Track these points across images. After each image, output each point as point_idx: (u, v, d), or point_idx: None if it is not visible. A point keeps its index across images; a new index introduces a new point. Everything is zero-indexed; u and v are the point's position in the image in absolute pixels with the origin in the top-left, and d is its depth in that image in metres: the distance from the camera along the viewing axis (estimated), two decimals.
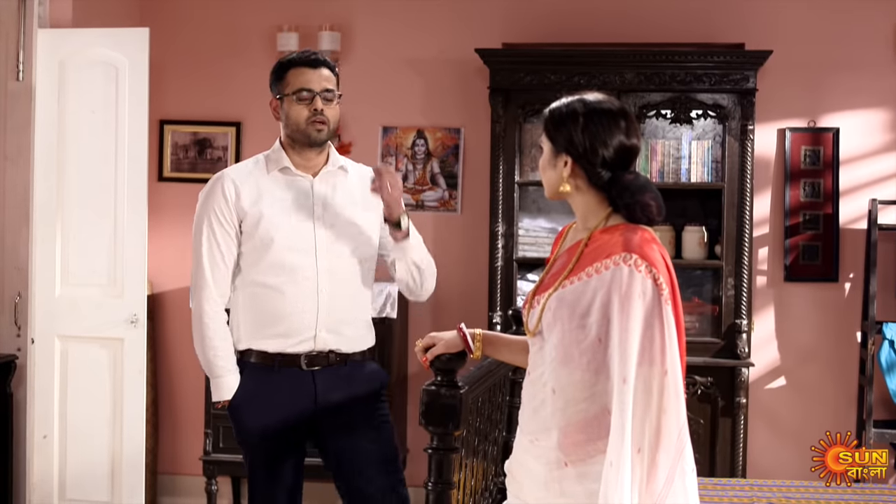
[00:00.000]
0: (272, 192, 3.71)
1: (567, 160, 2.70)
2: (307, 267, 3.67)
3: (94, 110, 5.64)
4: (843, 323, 6.25)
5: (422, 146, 6.48)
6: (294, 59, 3.75)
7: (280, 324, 3.67)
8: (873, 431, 5.87)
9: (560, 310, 2.66)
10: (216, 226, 3.70)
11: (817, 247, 6.25)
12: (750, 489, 4.50)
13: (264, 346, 3.68)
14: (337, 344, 3.70)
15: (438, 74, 6.50)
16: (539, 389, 2.73)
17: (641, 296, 2.55)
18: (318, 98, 3.67)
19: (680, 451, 2.56)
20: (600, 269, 2.62)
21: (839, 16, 6.26)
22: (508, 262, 6.07)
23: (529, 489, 2.73)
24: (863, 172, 6.24)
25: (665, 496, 2.51)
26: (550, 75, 5.99)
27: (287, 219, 3.68)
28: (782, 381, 6.29)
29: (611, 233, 2.69)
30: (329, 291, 3.68)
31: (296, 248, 3.66)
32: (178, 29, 6.58)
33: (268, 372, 3.68)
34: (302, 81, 3.68)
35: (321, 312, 3.66)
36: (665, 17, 6.32)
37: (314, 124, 3.68)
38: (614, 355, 2.54)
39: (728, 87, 5.90)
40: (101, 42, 5.66)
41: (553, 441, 2.65)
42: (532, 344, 2.80)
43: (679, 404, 2.55)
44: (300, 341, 3.66)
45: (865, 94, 6.24)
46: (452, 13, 6.49)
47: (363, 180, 3.80)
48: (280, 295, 3.66)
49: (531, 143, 6.17)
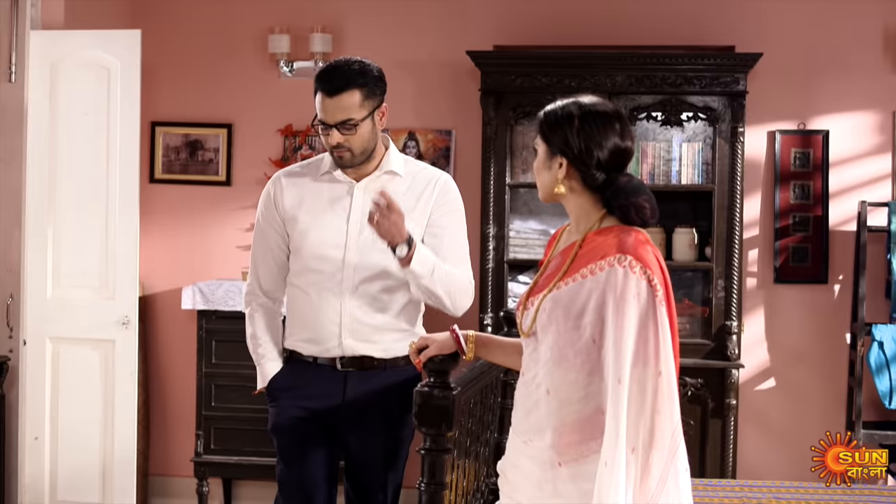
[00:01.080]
0: (313, 195, 3.70)
1: (562, 162, 2.72)
2: (333, 273, 3.63)
3: (87, 112, 5.66)
4: (833, 325, 6.27)
5: (413, 148, 6.49)
6: (318, 78, 3.62)
7: (308, 328, 3.69)
8: (863, 433, 5.89)
9: (555, 311, 2.68)
10: (264, 225, 3.76)
11: (807, 249, 6.28)
12: (741, 490, 4.52)
13: (299, 348, 3.72)
14: (370, 351, 3.66)
15: (430, 76, 6.51)
16: (533, 391, 2.74)
17: (636, 297, 2.58)
18: (333, 132, 3.56)
19: (673, 452, 2.58)
20: (595, 271, 2.63)
21: (828, 19, 6.29)
22: (499, 264, 6.09)
23: (523, 489, 2.75)
24: (852, 174, 6.27)
25: (658, 495, 2.53)
26: (542, 77, 6.01)
27: (319, 223, 3.66)
28: (772, 383, 6.31)
29: (604, 234, 2.71)
30: (357, 298, 3.63)
31: (324, 254, 3.64)
32: (169, 31, 6.59)
33: (306, 366, 3.69)
34: (319, 111, 3.58)
35: (345, 320, 3.63)
36: (655, 19, 6.34)
37: (335, 153, 3.61)
38: (609, 356, 2.56)
39: (718, 90, 5.93)
40: (92, 44, 5.68)
41: (547, 441, 2.67)
42: (526, 345, 2.81)
43: (672, 405, 2.57)
44: (328, 347, 3.66)
45: (855, 97, 6.26)
46: (444, 15, 6.50)
47: (415, 185, 3.72)
48: (307, 299, 3.68)
49: (522, 146, 6.19)
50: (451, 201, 3.75)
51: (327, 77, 3.58)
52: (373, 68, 3.65)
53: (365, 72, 3.61)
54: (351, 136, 3.56)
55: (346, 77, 3.56)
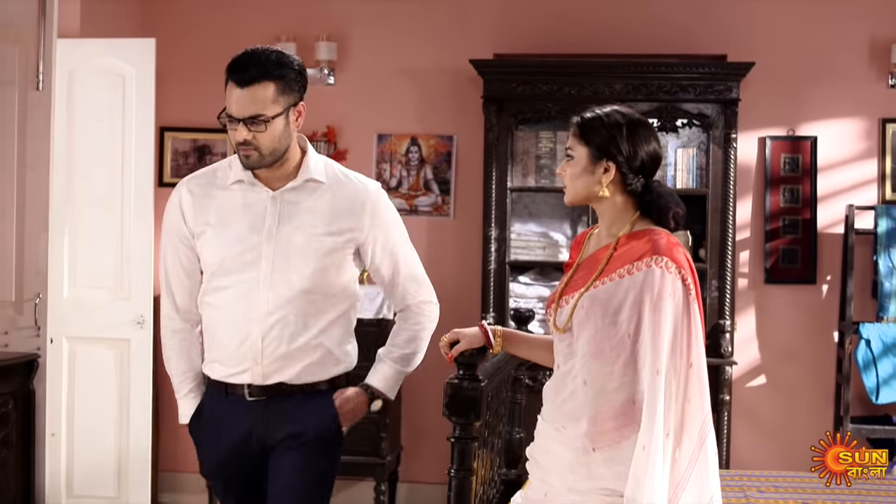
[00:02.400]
0: (223, 206, 3.34)
1: (608, 166, 2.92)
2: (247, 291, 3.29)
3: (102, 118, 5.83)
4: (821, 323, 6.50)
5: (415, 153, 6.69)
6: (230, 67, 3.22)
7: (219, 349, 3.35)
8: (851, 427, 6.12)
9: (592, 308, 2.88)
10: (174, 238, 3.40)
11: (796, 250, 6.51)
12: (739, 479, 4.74)
13: (209, 371, 3.41)
14: (285, 377, 3.33)
15: (432, 83, 6.71)
16: (569, 382, 2.94)
17: (672, 295, 2.80)
18: (241, 127, 3.18)
19: (703, 438, 2.80)
20: (632, 271, 2.84)
21: (816, 29, 6.52)
22: (501, 265, 6.30)
23: (555, 472, 2.94)
24: (839, 179, 6.50)
25: (688, 478, 2.75)
26: (542, 85, 6.22)
27: (232, 236, 3.30)
28: (763, 380, 6.54)
29: (638, 238, 2.91)
30: (273, 320, 3.28)
31: (237, 270, 3.29)
32: (177, 38, 6.76)
33: (220, 397, 3.38)
34: (229, 105, 3.19)
35: (258, 342, 3.29)
36: (650, 28, 6.56)
37: (241, 150, 3.23)
38: (647, 349, 2.77)
39: (712, 98, 6.15)
40: (108, 52, 5.86)
41: (582, 429, 2.86)
42: (560, 340, 3.00)
43: (702, 395, 2.80)
44: (239, 371, 3.32)
45: (842, 104, 6.50)
46: (446, 24, 6.70)
47: (340, 197, 3.37)
48: (219, 318, 3.34)
49: (523, 151, 6.39)
50: (389, 219, 3.46)
51: (240, 65, 3.19)
52: (293, 61, 3.26)
53: (283, 63, 3.22)
54: (260, 134, 3.19)
55: (261, 66, 3.17)
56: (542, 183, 6.36)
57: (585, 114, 2.98)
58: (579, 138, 2.95)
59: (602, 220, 3.01)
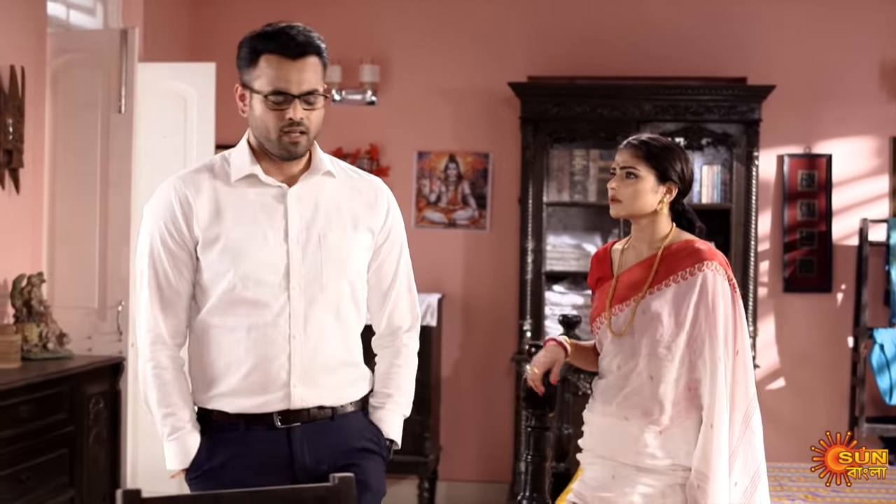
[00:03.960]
0: (235, 207, 2.87)
1: (671, 187, 3.35)
2: (278, 303, 2.85)
3: (166, 136, 6.21)
4: (836, 329, 6.93)
5: (453, 169, 7.10)
6: (267, 37, 2.81)
7: (244, 379, 2.85)
8: (865, 426, 6.54)
9: (651, 312, 3.31)
10: (164, 248, 2.85)
11: (812, 261, 6.93)
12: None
13: (227, 407, 2.86)
14: (319, 399, 2.90)
15: (468, 103, 7.13)
16: (633, 378, 3.35)
17: (722, 294, 3.26)
18: (297, 104, 2.80)
19: (749, 416, 3.28)
20: (686, 276, 3.28)
21: (830, 52, 6.95)
22: (537, 275, 6.71)
23: (622, 452, 3.33)
24: (853, 194, 6.93)
25: (738, 450, 3.24)
26: (576, 107, 6.65)
27: (252, 242, 2.85)
28: (782, 382, 6.96)
29: (682, 246, 3.35)
30: (306, 334, 2.87)
31: (263, 280, 2.85)
32: (224, 61, 7.14)
33: (232, 432, 2.86)
34: (277, 79, 2.78)
35: (295, 361, 2.86)
36: (673, 51, 6.97)
37: (289, 135, 2.82)
38: (705, 343, 3.23)
39: (735, 118, 6.57)
40: (171, 75, 6.24)
41: (652, 416, 3.29)
42: (620, 343, 3.38)
43: (747, 378, 3.28)
44: (269, 400, 2.86)
45: (855, 123, 6.93)
46: (481, 48, 7.12)
47: (356, 191, 3.00)
48: (241, 339, 2.85)
49: (558, 168, 6.79)
50: (399, 217, 3.10)
51: (286, 36, 2.80)
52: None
53: (320, 39, 2.88)
54: (312, 113, 2.83)
55: (308, 38, 2.81)
56: (576, 198, 6.78)
57: (643, 138, 3.40)
58: (645, 160, 3.36)
59: (642, 233, 3.42)
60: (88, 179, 5.71)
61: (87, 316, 5.65)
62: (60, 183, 5.78)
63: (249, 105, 2.86)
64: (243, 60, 2.84)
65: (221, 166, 2.91)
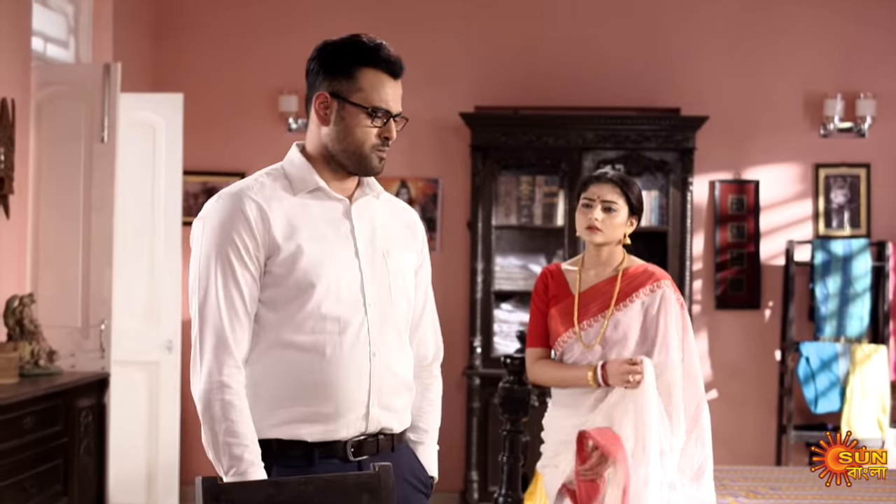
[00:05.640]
0: (306, 218, 2.72)
1: (634, 220, 3.82)
2: (357, 321, 2.73)
3: (135, 164, 6.51)
4: (765, 343, 7.42)
5: (405, 194, 7.47)
6: (368, 51, 2.74)
7: (323, 401, 2.68)
8: (793, 434, 7.03)
9: (621, 326, 3.80)
10: (237, 263, 2.65)
11: (742, 280, 7.41)
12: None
13: (299, 434, 2.68)
14: (389, 422, 2.80)
15: (418, 131, 7.46)
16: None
17: (674, 307, 3.81)
18: (392, 123, 2.77)
19: (697, 416, 3.81)
20: (648, 293, 3.80)
21: (758, 85, 7.44)
22: (487, 294, 7.10)
23: (626, 426, 3.76)
24: (779, 217, 7.43)
25: (688, 441, 3.76)
26: (522, 136, 7.07)
27: (329, 256, 2.71)
28: (714, 394, 7.41)
29: (638, 269, 3.90)
30: (382, 352, 2.76)
31: (342, 297, 2.71)
32: (189, 91, 7.47)
33: (306, 468, 2.66)
34: (381, 97, 2.73)
35: (374, 381, 2.74)
36: (614, 84, 7.42)
37: (379, 152, 2.78)
38: (664, 348, 3.76)
39: (671, 146, 7.03)
40: (141, 105, 6.56)
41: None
42: (591, 354, 3.85)
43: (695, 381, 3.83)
44: (347, 423, 2.71)
45: (781, 151, 7.44)
46: (430, 79, 7.46)
47: (398, 213, 2.95)
48: (322, 360, 2.68)
49: (505, 193, 7.20)
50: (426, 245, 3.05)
51: (389, 54, 2.76)
52: None
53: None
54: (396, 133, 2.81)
55: (400, 59, 2.79)
56: (523, 221, 7.19)
57: (617, 174, 3.92)
58: (621, 195, 3.81)
59: (599, 256, 3.93)
60: (72, 205, 6.00)
61: (71, 334, 5.94)
62: (45, 209, 6.07)
63: (336, 115, 2.75)
64: (332, 69, 2.73)
65: (277, 180, 2.75)
